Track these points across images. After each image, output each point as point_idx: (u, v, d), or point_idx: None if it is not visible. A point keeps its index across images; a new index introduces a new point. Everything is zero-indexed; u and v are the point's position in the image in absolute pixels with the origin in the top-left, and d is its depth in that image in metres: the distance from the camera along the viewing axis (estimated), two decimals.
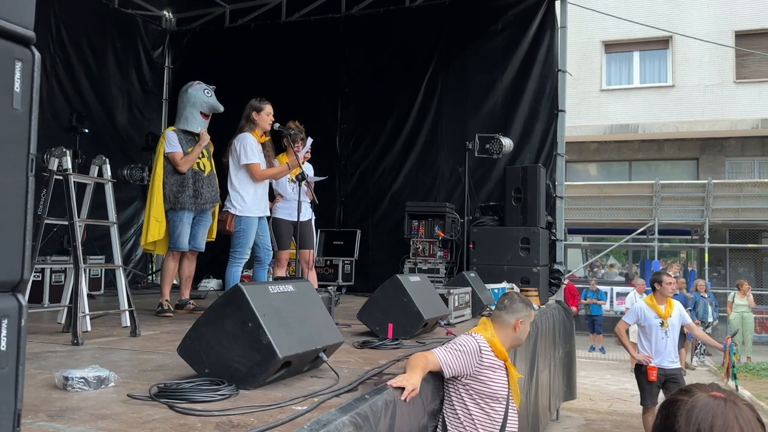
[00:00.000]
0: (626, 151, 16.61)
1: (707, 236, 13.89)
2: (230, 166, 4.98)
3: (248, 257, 5.03)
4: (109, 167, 4.09)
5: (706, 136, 15.73)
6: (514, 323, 2.96)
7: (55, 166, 3.70)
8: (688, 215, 14.27)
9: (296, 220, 5.13)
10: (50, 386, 2.22)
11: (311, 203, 5.37)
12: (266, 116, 5.03)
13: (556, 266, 7.47)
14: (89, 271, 6.19)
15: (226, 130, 5.20)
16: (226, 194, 5.02)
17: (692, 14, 15.33)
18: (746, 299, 11.81)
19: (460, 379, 2.85)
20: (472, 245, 6.85)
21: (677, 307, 5.65)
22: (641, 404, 5.77)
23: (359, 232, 7.97)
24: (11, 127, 0.99)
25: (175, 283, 5.31)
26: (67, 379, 2.17)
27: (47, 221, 3.69)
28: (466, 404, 2.83)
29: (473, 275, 5.65)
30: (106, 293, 6.68)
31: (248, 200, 4.94)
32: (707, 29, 14.46)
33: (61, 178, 3.65)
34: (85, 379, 2.18)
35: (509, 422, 2.88)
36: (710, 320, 10.82)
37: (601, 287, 13.94)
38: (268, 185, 5.24)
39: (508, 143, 7.10)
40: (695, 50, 15.23)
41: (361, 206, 8.36)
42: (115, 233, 4.09)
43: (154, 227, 4.77)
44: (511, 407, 2.90)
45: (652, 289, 5.71)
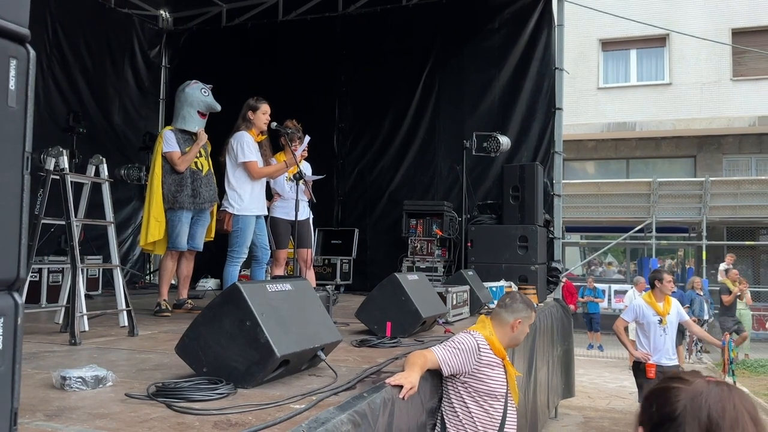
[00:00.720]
0: (624, 149, 16.63)
1: (705, 234, 13.91)
2: (227, 164, 4.98)
3: (246, 256, 5.02)
4: (106, 167, 4.09)
5: (703, 133, 15.75)
6: (512, 323, 2.96)
7: (51, 165, 3.69)
8: (685, 213, 14.30)
9: (294, 219, 5.13)
10: (48, 386, 2.22)
11: (309, 202, 5.37)
12: (262, 115, 5.03)
13: (553, 264, 7.47)
14: (87, 271, 6.18)
15: (223, 129, 5.19)
16: (223, 193, 5.02)
17: (689, 12, 15.34)
18: (744, 297, 11.83)
19: (458, 377, 2.85)
20: (470, 244, 6.85)
21: (675, 304, 5.66)
22: (639, 401, 5.77)
23: (357, 231, 7.97)
24: (6, 125, 0.98)
25: (173, 282, 5.30)
26: (64, 378, 2.17)
27: (44, 221, 3.68)
28: (464, 402, 2.83)
29: (471, 274, 5.66)
30: (103, 293, 6.67)
31: (246, 199, 4.93)
32: (704, 27, 14.48)
33: (58, 177, 3.64)
34: (82, 378, 2.17)
35: (508, 420, 2.89)
36: (706, 318, 10.84)
37: (598, 285, 13.95)
38: (265, 184, 5.23)
39: (505, 141, 7.10)
40: (692, 48, 15.25)
41: (359, 205, 8.36)
42: (112, 233, 4.08)
43: (154, 227, 4.77)
44: (509, 405, 2.91)
45: (651, 286, 5.72)
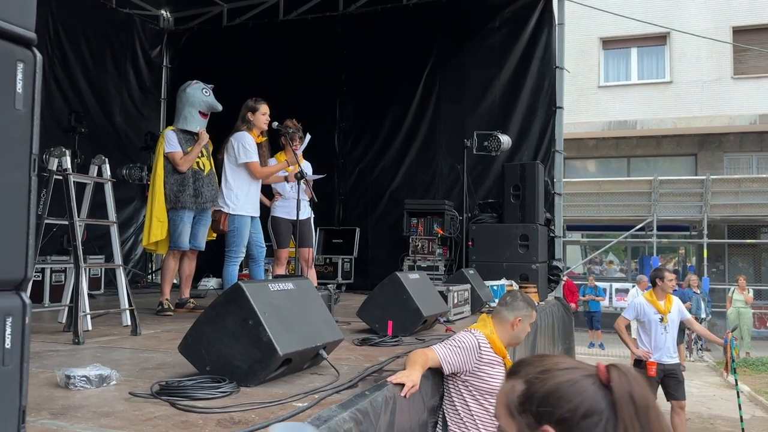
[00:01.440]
0: (624, 147, 16.62)
1: (706, 232, 13.91)
2: (225, 164, 4.97)
3: (243, 255, 5.03)
4: (108, 167, 4.10)
5: (704, 132, 15.75)
6: (512, 321, 2.98)
7: (54, 166, 3.71)
8: (686, 211, 14.30)
9: (295, 218, 5.15)
10: (52, 385, 2.23)
11: (310, 201, 5.38)
12: (262, 116, 5.04)
13: (554, 263, 7.49)
14: (89, 270, 6.20)
15: (224, 129, 5.21)
16: (218, 192, 5.01)
17: (690, 10, 15.34)
18: (744, 295, 11.84)
19: (459, 375, 2.86)
20: (471, 242, 6.86)
21: (676, 302, 5.67)
22: None
23: (358, 230, 7.99)
24: (14, 127, 1.00)
25: (175, 282, 5.32)
26: (69, 377, 2.19)
27: (47, 221, 3.70)
28: (465, 400, 2.85)
29: (472, 272, 5.67)
30: (106, 293, 6.69)
31: (242, 199, 4.93)
32: (705, 25, 14.48)
33: (60, 178, 3.65)
34: (87, 377, 2.19)
35: None
36: (703, 316, 10.85)
37: (599, 284, 13.96)
38: (260, 185, 5.22)
39: (506, 140, 7.11)
40: (693, 46, 15.24)
41: (360, 204, 8.38)
42: (115, 233, 4.10)
43: (156, 227, 4.78)
44: None
45: (652, 285, 5.73)
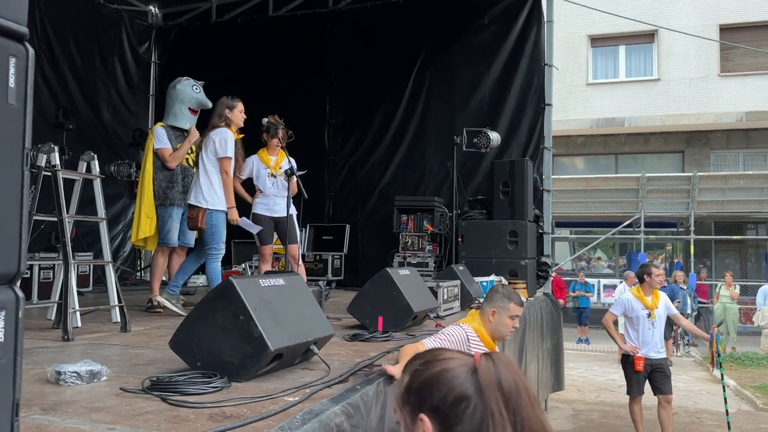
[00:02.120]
0: (612, 144, 16.73)
1: (693, 228, 14.03)
2: (204, 160, 4.77)
3: (224, 251, 4.90)
4: (97, 163, 4.09)
5: (691, 129, 15.89)
6: (488, 313, 3.01)
7: (43, 162, 3.69)
8: (674, 208, 14.43)
9: (276, 215, 5.17)
10: (43, 381, 2.23)
11: (299, 198, 5.37)
12: (239, 113, 4.92)
13: (543, 259, 7.54)
14: (78, 267, 6.16)
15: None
16: (194, 189, 4.81)
17: (677, 8, 15.44)
18: (730, 291, 11.98)
19: None
20: (460, 239, 6.89)
21: (663, 298, 5.74)
22: (628, 394, 5.85)
23: (348, 226, 7.99)
24: (7, 122, 1.00)
25: (164, 279, 5.31)
26: (59, 373, 2.19)
27: (36, 217, 3.68)
28: None
29: (462, 268, 5.70)
30: (95, 290, 6.66)
31: (219, 194, 4.77)
32: (692, 23, 14.59)
33: (49, 174, 3.64)
34: (77, 373, 2.19)
35: None
36: (689, 312, 10.96)
37: (588, 280, 14.07)
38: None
39: (495, 137, 7.15)
40: (680, 44, 15.36)
41: (350, 201, 8.39)
42: (104, 229, 4.09)
43: (145, 223, 4.77)
44: None
45: (639, 280, 5.78)
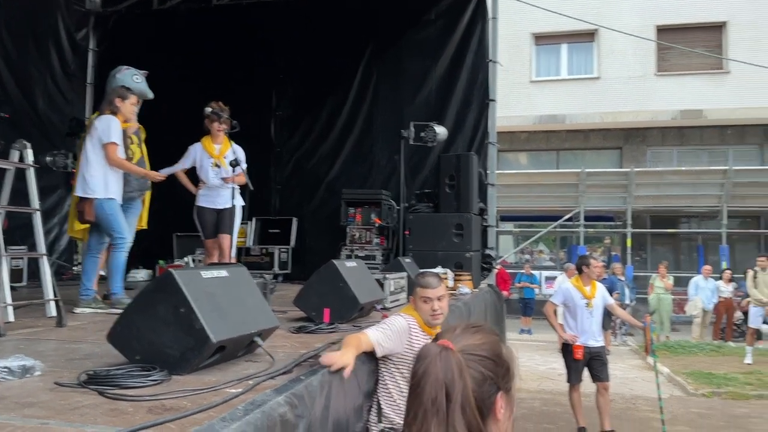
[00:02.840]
0: (554, 140, 17.18)
1: (630, 222, 14.58)
2: (87, 146, 4.52)
3: (131, 241, 4.65)
4: (31, 152, 3.92)
5: (629, 126, 16.48)
6: (411, 301, 3.09)
7: None
8: (612, 202, 14.96)
9: (220, 207, 5.11)
10: None
11: (245, 190, 5.30)
12: (130, 105, 4.69)
13: (487, 251, 7.68)
14: (10, 261, 5.90)
15: (155, 116, 5.06)
16: (78, 180, 4.56)
17: (617, 8, 15.93)
18: (664, 282, 12.51)
19: (391, 357, 2.93)
20: (407, 232, 6.95)
21: (601, 288, 5.96)
22: (567, 382, 6.05)
23: (296, 220, 7.94)
24: None
25: (102, 273, 5.14)
26: None
27: None
28: (398, 383, 2.91)
29: (409, 261, 5.75)
30: (29, 285, 6.38)
31: (110, 181, 4.49)
32: (631, 23, 15.07)
33: None
34: (8, 368, 2.11)
35: None
36: (627, 302, 11.40)
37: (533, 272, 14.43)
38: (122, 173, 4.74)
39: (442, 131, 7.23)
40: (620, 43, 15.89)
41: (296, 194, 8.33)
42: (38, 221, 3.93)
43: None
44: None
45: (579, 271, 5.98)
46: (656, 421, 6.19)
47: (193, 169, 5.55)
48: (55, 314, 3.67)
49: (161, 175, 4.77)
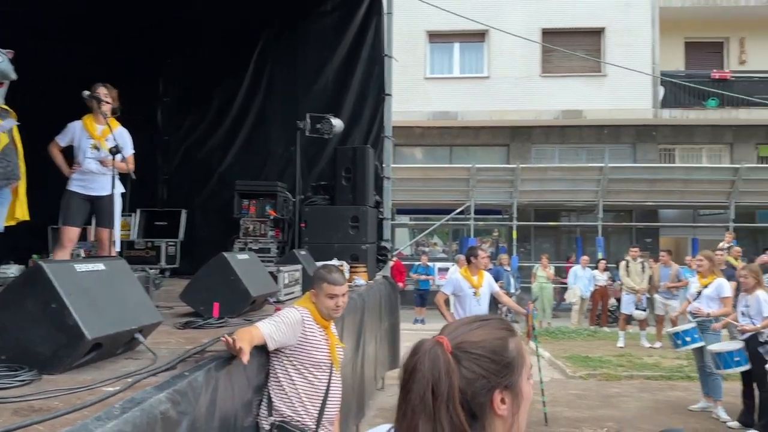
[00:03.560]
0: (447, 136, 17.71)
1: (515, 215, 15.34)
2: None
3: None
4: None
5: (515, 124, 17.29)
6: (311, 293, 3.10)
7: None
8: (499, 196, 15.66)
9: (94, 194, 4.78)
10: None
11: (126, 179, 5.00)
12: None
13: (383, 243, 7.80)
14: None
15: (26, 99, 4.67)
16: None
17: (506, 10, 16.58)
18: (546, 271, 13.29)
19: (284, 350, 2.90)
20: (304, 224, 6.90)
21: (488, 278, 6.22)
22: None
23: (185, 212, 7.64)
24: None
25: None
26: None
27: None
28: (290, 375, 2.89)
29: (304, 253, 5.71)
30: None
31: None
32: (519, 25, 15.76)
33: None
34: None
35: (332, 390, 3.00)
36: (512, 291, 12.00)
37: (429, 264, 14.82)
38: None
39: (338, 124, 7.22)
40: (508, 44, 16.60)
41: (186, 185, 8.02)
42: None
43: None
44: (334, 374, 3.02)
45: (467, 262, 6.22)
46: (538, 403, 6.56)
47: (70, 149, 5.13)
48: None
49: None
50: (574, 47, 15.31)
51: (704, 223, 17.07)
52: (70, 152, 5.10)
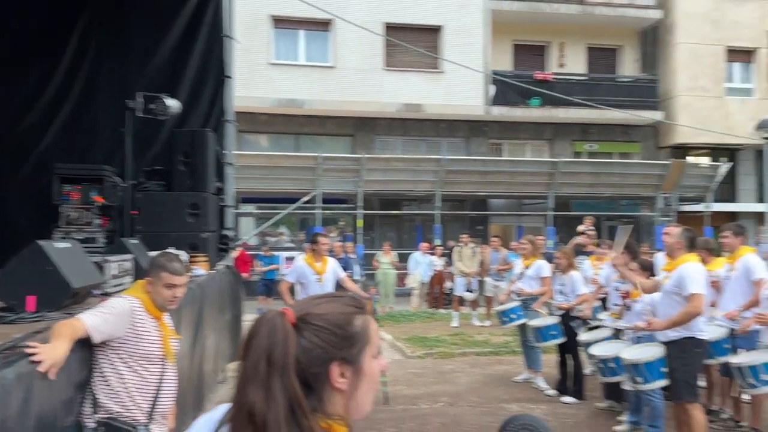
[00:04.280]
0: (293, 124, 17.58)
1: (361, 204, 15.67)
2: None
3: None
4: None
5: (360, 115, 17.63)
6: (145, 282, 2.92)
7: None
8: (345, 185, 15.87)
9: None
10: None
11: None
12: None
13: (225, 232, 7.55)
14: None
15: None
16: None
17: (352, 2, 16.76)
18: (389, 258, 13.75)
19: (111, 343, 2.70)
20: (136, 212, 6.45)
21: (332, 263, 6.29)
22: None
23: None
24: None
25: None
26: None
27: None
28: (117, 369, 2.70)
29: (135, 242, 5.37)
30: None
31: None
32: (363, 17, 16.02)
33: None
34: None
35: (166, 382, 2.84)
36: (357, 278, 12.28)
37: (274, 253, 14.63)
38: None
39: (174, 104, 6.83)
40: (353, 36, 16.84)
41: None
42: None
43: None
44: (167, 367, 2.86)
45: (311, 249, 6.23)
46: (379, 384, 6.78)
47: None
48: None
49: None
50: (414, 43, 15.88)
51: (528, 211, 18.72)
52: None
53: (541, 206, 17.30)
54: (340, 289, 6.76)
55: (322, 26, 17.21)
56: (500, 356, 9.05)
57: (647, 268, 5.64)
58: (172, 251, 5.86)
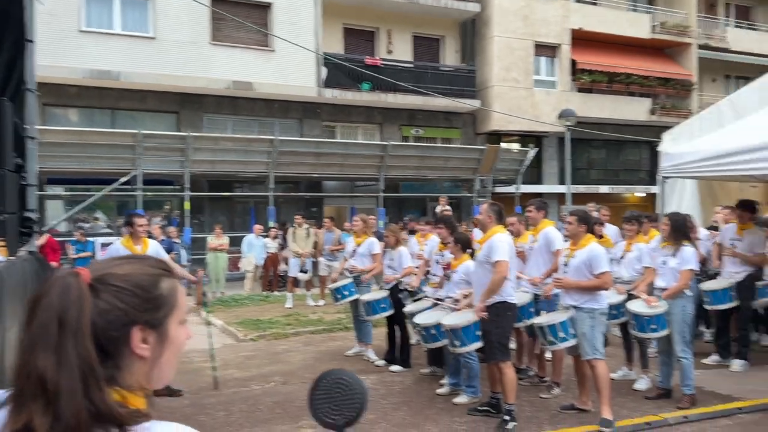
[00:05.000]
0: (108, 99, 16.19)
1: (188, 186, 14.87)
2: None
3: None
4: None
5: (186, 91, 16.71)
6: None
7: None
8: (170, 165, 14.93)
9: None
10: None
11: None
12: None
13: (27, 214, 6.75)
14: None
15: None
16: None
17: None
18: (219, 241, 13.30)
19: None
20: None
21: (153, 246, 5.95)
22: None
23: None
24: None
25: None
26: None
27: None
28: None
29: None
30: None
31: None
32: None
33: None
34: None
35: None
36: (183, 263, 11.77)
37: (88, 239, 13.43)
38: None
39: None
40: (175, 6, 15.88)
41: None
42: None
43: None
44: None
45: (129, 233, 5.82)
46: (209, 368, 6.58)
47: None
48: None
49: None
50: (243, 19, 15.37)
51: (360, 193, 19.18)
52: None
53: (372, 188, 17.80)
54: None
55: None
56: (333, 333, 9.23)
57: (464, 242, 6.07)
58: None
